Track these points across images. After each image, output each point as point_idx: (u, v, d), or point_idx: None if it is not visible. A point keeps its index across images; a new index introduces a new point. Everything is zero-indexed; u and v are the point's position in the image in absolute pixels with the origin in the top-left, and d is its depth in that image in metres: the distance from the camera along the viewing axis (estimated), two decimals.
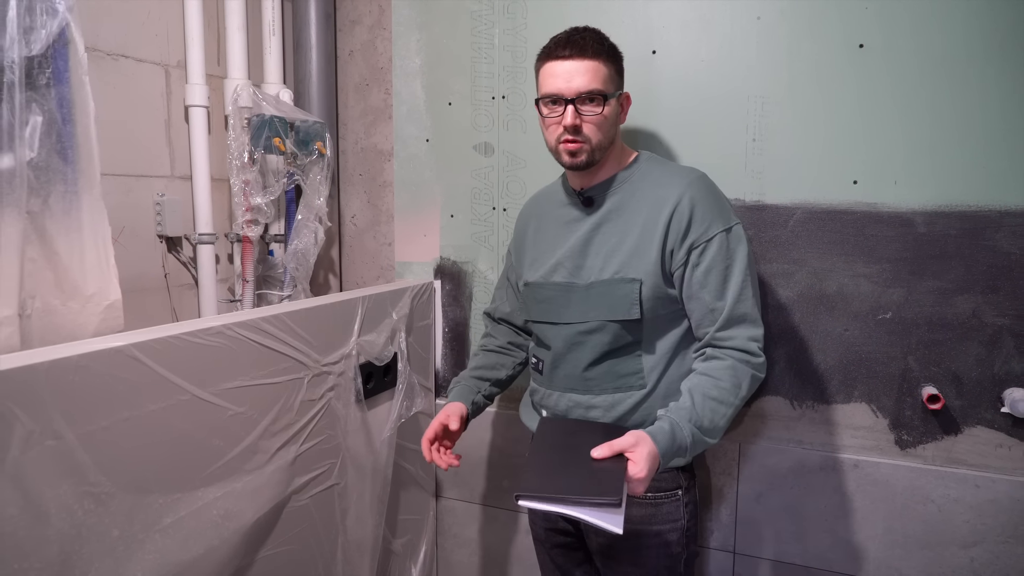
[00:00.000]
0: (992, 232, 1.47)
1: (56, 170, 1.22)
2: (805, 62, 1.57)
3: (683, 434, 1.17)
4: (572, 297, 1.36)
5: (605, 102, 1.28)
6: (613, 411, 1.34)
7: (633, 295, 1.29)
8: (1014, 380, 1.47)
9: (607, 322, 1.32)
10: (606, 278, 1.32)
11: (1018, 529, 1.48)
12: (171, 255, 1.86)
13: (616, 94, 1.32)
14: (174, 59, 1.82)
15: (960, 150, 1.47)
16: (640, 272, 1.29)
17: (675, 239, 1.28)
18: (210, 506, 1.20)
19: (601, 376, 1.35)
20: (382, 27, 2.06)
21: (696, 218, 1.27)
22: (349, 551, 1.63)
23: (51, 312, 1.25)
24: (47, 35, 1.15)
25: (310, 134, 1.93)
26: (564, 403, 1.40)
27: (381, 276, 2.17)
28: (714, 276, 1.26)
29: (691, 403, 1.20)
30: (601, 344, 1.34)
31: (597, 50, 1.28)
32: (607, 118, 1.29)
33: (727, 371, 1.23)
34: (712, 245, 1.26)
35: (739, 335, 1.26)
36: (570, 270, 1.37)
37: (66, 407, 0.97)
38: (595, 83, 1.26)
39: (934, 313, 1.52)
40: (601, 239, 1.34)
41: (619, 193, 1.35)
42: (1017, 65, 1.42)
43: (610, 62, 1.30)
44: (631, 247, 1.31)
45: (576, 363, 1.37)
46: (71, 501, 0.98)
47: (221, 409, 1.23)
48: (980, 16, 1.43)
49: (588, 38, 1.29)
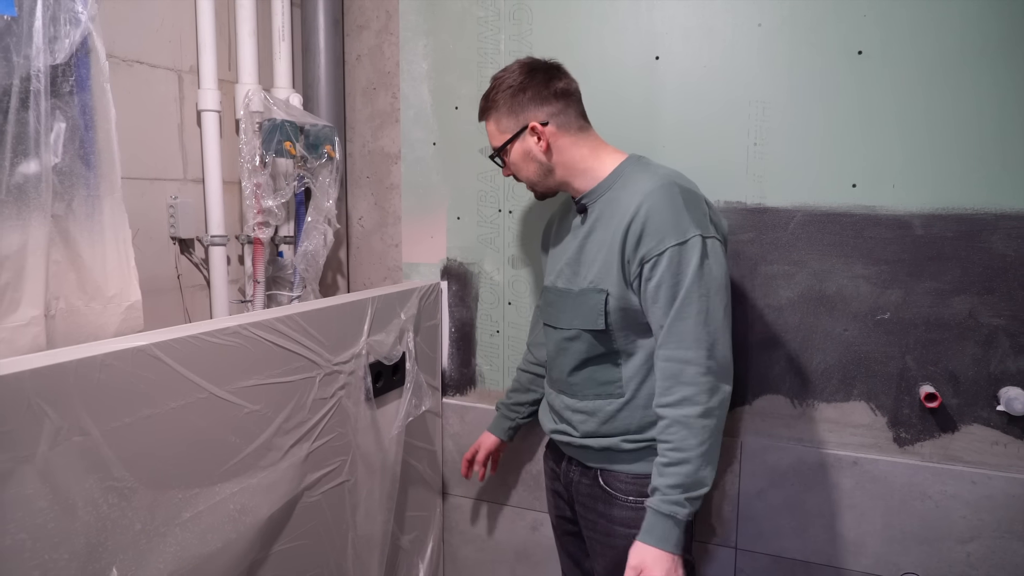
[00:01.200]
0: (988, 234, 1.50)
1: (79, 175, 1.25)
2: (805, 68, 1.60)
3: (668, 508, 1.21)
4: (566, 303, 1.41)
5: (504, 153, 1.41)
6: (595, 416, 1.40)
7: (600, 306, 1.33)
8: (1009, 379, 1.51)
9: (582, 331, 1.38)
10: (584, 287, 1.37)
11: (1014, 524, 1.51)
12: (184, 256, 1.90)
13: (510, 140, 1.39)
14: (187, 65, 1.86)
15: (956, 154, 1.51)
16: (608, 283, 1.32)
17: (630, 251, 1.29)
18: (227, 501, 1.24)
19: (583, 382, 1.41)
20: (389, 32, 2.10)
21: (648, 231, 1.25)
22: (359, 546, 1.66)
23: (74, 312, 1.29)
24: (70, 44, 1.19)
25: (319, 138, 1.97)
26: (558, 403, 1.48)
27: (388, 277, 2.20)
28: (664, 292, 1.24)
29: (654, 476, 1.25)
30: (579, 352, 1.39)
31: (484, 108, 1.43)
32: (516, 163, 1.42)
33: (668, 432, 1.24)
34: (663, 260, 1.24)
35: (676, 356, 1.24)
36: (568, 277, 1.42)
37: (92, 404, 1.00)
38: (494, 142, 1.44)
39: (931, 313, 1.55)
40: (589, 247, 1.38)
41: (603, 201, 1.38)
42: (1012, 70, 1.45)
43: (498, 113, 1.40)
44: (603, 257, 1.33)
45: (562, 367, 1.45)
46: (96, 495, 1.02)
47: (237, 407, 1.27)
48: (975, 23, 1.46)
49: (481, 101, 1.44)
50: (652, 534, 1.23)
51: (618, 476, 1.40)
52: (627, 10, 1.75)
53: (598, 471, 1.43)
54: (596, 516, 1.44)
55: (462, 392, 2.08)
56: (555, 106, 1.38)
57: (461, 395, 2.08)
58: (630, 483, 1.39)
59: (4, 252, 1.16)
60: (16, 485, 0.91)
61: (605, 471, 1.42)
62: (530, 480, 1.99)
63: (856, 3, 1.55)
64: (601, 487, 1.42)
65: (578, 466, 1.49)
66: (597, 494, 1.43)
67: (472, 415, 2.04)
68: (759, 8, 1.63)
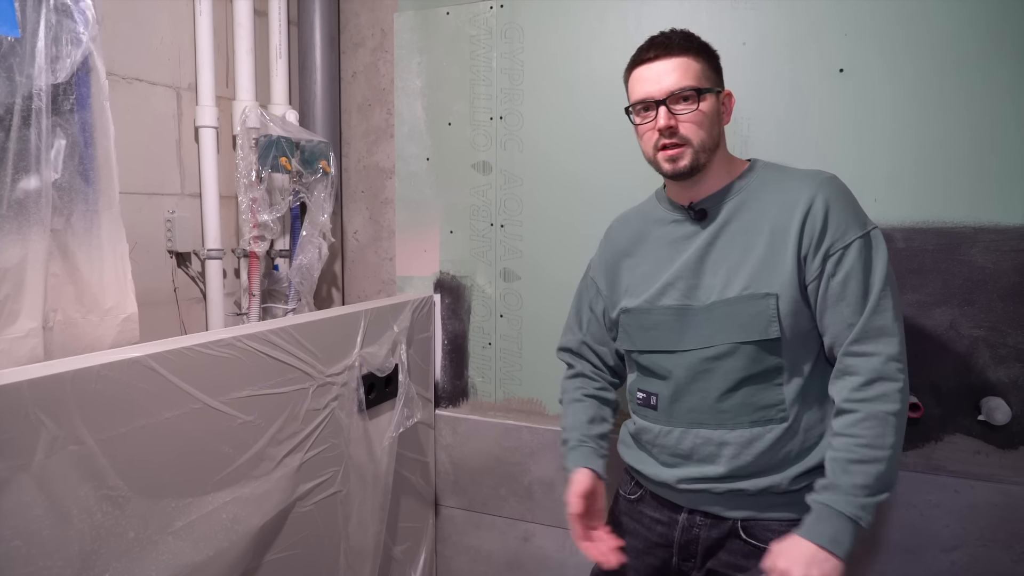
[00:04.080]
0: (968, 247, 1.53)
1: (78, 190, 1.29)
2: (789, 85, 1.64)
3: (852, 511, 1.06)
4: (689, 320, 1.22)
5: (699, 97, 1.17)
6: (750, 448, 1.19)
7: (770, 311, 1.15)
8: (990, 389, 1.53)
9: (740, 344, 1.18)
10: (732, 295, 1.18)
11: (996, 533, 1.53)
12: (180, 270, 1.92)
13: (713, 90, 1.20)
14: (185, 82, 1.89)
15: (936, 169, 1.54)
16: (775, 285, 1.16)
17: (809, 245, 1.14)
18: (220, 510, 1.26)
19: (736, 407, 1.20)
20: (384, 50, 2.14)
21: (831, 222, 1.13)
22: (351, 557, 1.68)
23: (72, 325, 1.32)
24: (72, 63, 1.22)
25: (315, 153, 2.01)
26: (689, 440, 1.23)
27: (382, 290, 2.23)
28: (853, 286, 1.12)
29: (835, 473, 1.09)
30: (735, 370, 1.19)
31: (685, 46, 1.19)
32: (706, 115, 1.18)
33: (862, 426, 1.09)
34: (850, 252, 1.12)
35: (876, 351, 1.11)
36: (683, 291, 1.23)
37: (88, 414, 1.03)
38: (686, 79, 1.17)
39: (914, 325, 1.58)
40: (719, 254, 1.21)
41: (736, 202, 1.22)
42: (988, 88, 1.49)
43: (702, 58, 1.20)
44: (759, 258, 1.17)
45: (705, 394, 1.22)
46: (91, 503, 1.04)
47: (231, 417, 1.29)
48: (952, 42, 1.51)
49: (674, 36, 1.21)
50: (823, 533, 1.05)
51: (769, 526, 1.19)
52: (616, 29, 1.79)
53: (737, 523, 1.21)
54: (734, 571, 1.22)
55: (455, 404, 2.10)
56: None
57: (454, 407, 2.10)
58: (784, 532, 1.13)
59: (4, 265, 1.19)
60: (13, 493, 0.93)
61: (748, 522, 1.21)
62: (521, 491, 2.01)
63: (836, 23, 1.59)
64: (743, 540, 1.21)
65: (707, 518, 1.24)
66: (737, 548, 1.21)
67: (464, 426, 2.06)
68: (744, 28, 1.67)
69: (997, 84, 1.49)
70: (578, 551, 1.28)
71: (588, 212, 1.86)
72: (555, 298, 1.92)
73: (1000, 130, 1.49)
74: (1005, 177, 1.50)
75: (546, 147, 1.91)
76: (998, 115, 1.49)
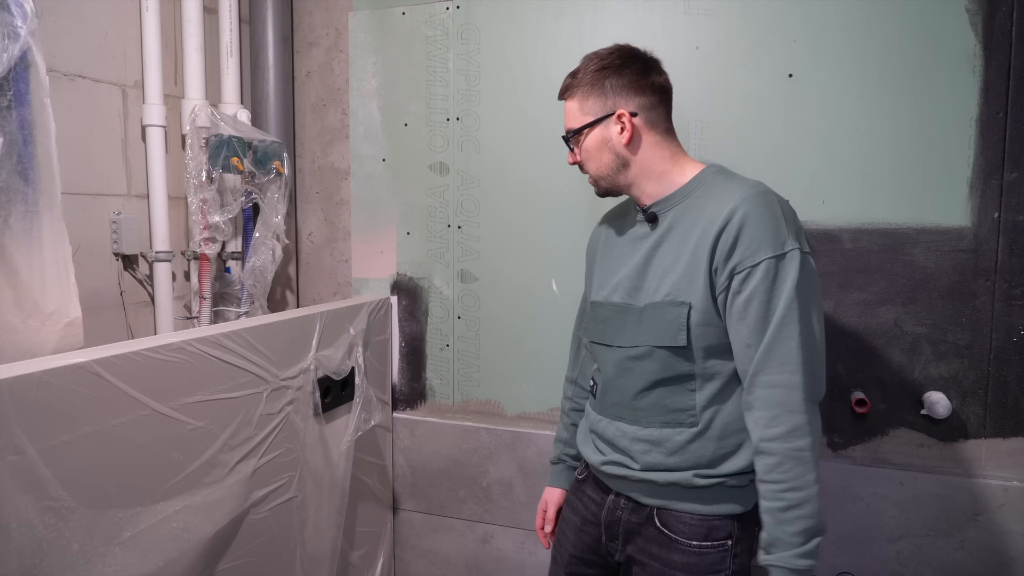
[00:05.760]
0: (911, 247, 1.59)
1: (17, 190, 1.24)
2: (741, 90, 1.68)
3: (803, 563, 1.08)
4: (627, 319, 1.27)
5: (580, 135, 1.27)
6: (661, 447, 1.23)
7: (680, 320, 1.18)
8: (932, 384, 1.59)
9: (655, 348, 1.22)
10: (658, 300, 1.22)
11: (939, 523, 1.59)
12: (127, 273, 1.87)
13: (592, 123, 1.26)
14: (131, 79, 1.84)
15: (881, 172, 1.60)
16: (690, 295, 1.18)
17: (719, 259, 1.15)
18: (170, 519, 1.22)
19: (650, 407, 1.25)
20: (339, 49, 2.12)
21: (743, 238, 1.13)
22: (307, 563, 1.65)
23: (10, 330, 1.27)
24: (9, 59, 1.17)
25: (268, 153, 1.97)
26: (612, 431, 1.30)
27: (338, 292, 2.20)
28: (755, 308, 1.12)
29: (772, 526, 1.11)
30: (650, 372, 1.23)
31: (569, 86, 1.30)
32: (589, 150, 1.27)
33: (780, 470, 1.10)
34: (757, 272, 1.11)
35: (778, 383, 1.10)
36: (628, 290, 1.28)
37: (28, 422, 0.99)
38: (570, 122, 1.29)
39: (860, 323, 1.63)
40: (660, 257, 1.24)
41: (680, 208, 1.24)
42: (930, 94, 1.55)
43: (587, 91, 1.27)
44: (684, 266, 1.20)
45: (625, 390, 1.27)
46: (32, 516, 1.00)
47: (181, 423, 1.26)
48: (896, 49, 1.56)
49: (568, 78, 1.30)
50: None
51: (680, 517, 1.23)
52: (571, 32, 1.81)
53: (653, 510, 1.26)
54: (648, 558, 1.26)
55: (412, 406, 2.09)
56: (649, 99, 1.26)
57: (411, 409, 2.09)
58: (695, 525, 1.21)
59: None
60: None
61: (663, 511, 1.25)
62: (480, 493, 2.01)
63: (787, 29, 1.63)
64: (657, 528, 1.25)
65: (629, 502, 1.30)
66: (652, 535, 1.26)
67: (422, 429, 2.05)
68: (696, 32, 1.70)
69: (937, 89, 1.55)
70: (537, 551, 1.30)
71: (543, 214, 1.87)
72: (512, 299, 1.93)
73: (940, 134, 1.55)
74: (945, 180, 1.56)
75: (503, 148, 1.91)
76: (938, 120, 1.55)
